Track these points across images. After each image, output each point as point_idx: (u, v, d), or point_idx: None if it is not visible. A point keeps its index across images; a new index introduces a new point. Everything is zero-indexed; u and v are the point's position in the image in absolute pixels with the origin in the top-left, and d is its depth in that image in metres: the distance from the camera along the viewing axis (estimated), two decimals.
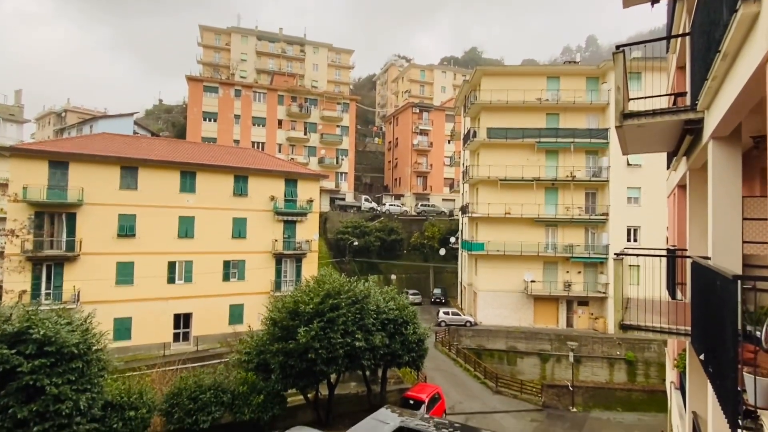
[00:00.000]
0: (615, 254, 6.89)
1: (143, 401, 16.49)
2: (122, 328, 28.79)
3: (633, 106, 7.32)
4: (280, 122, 58.78)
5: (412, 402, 21.10)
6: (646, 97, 8.45)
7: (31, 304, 15.88)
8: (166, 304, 30.55)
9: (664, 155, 12.18)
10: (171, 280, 30.94)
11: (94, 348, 15.18)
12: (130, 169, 30.02)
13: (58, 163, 28.06)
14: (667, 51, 13.10)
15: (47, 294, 27.03)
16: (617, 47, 6.74)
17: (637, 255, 7.12)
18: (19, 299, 24.18)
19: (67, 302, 26.23)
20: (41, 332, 13.31)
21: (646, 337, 29.12)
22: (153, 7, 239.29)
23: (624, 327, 6.51)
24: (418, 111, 66.45)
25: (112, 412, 15.65)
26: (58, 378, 13.39)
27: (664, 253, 10.09)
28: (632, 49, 34.58)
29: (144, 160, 30.41)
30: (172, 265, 30.99)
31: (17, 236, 26.30)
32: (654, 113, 6.54)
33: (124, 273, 29.42)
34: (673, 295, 9.18)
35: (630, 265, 7.54)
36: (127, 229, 29.56)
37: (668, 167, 11.58)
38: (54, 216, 27.96)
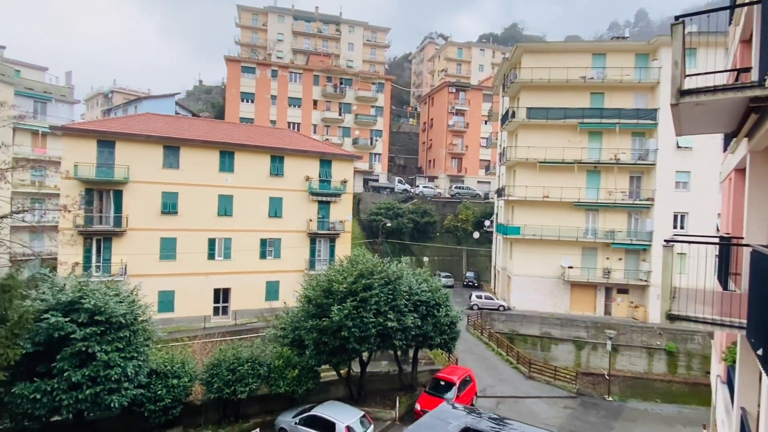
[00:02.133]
0: (665, 240, 6.52)
1: (185, 370, 17.38)
2: (166, 301, 30.27)
3: (688, 84, 6.79)
4: (315, 103, 59.02)
5: (443, 383, 21.20)
6: (704, 73, 7.81)
7: (83, 276, 16.81)
8: (206, 279, 31.81)
9: (718, 137, 11.38)
10: (211, 256, 32.10)
11: (140, 319, 16.04)
12: (172, 148, 31.03)
13: (106, 142, 29.31)
14: (730, 23, 12.10)
15: (97, 266, 28.61)
16: (676, 18, 6.24)
17: (689, 242, 6.70)
18: (72, 271, 25.69)
19: (115, 275, 27.76)
20: (92, 302, 14.19)
21: (689, 328, 27.90)
22: None
23: (671, 317, 6.19)
24: (454, 90, 64.99)
25: (157, 379, 16.61)
26: (108, 345, 14.24)
27: (717, 240, 9.48)
28: (692, 21, 32.33)
29: (185, 140, 31.32)
30: (212, 242, 32.12)
31: (69, 211, 27.75)
32: (715, 90, 6.03)
33: (168, 248, 30.73)
34: (725, 285, 8.65)
35: (678, 253, 7.13)
36: (170, 206, 30.74)
37: (725, 150, 10.82)
38: (102, 193, 29.41)
